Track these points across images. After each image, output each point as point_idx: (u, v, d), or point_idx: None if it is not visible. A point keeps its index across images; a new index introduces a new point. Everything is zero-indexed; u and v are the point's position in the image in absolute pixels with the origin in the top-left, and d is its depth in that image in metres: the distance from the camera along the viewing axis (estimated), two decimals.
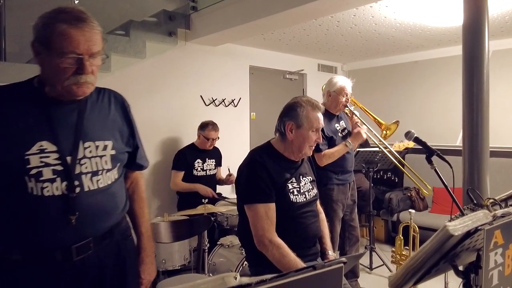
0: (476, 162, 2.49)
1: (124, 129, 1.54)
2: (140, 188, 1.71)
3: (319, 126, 2.04)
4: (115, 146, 1.46)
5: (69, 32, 1.25)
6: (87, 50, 1.28)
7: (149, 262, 1.65)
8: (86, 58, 1.28)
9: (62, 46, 1.25)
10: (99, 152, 1.40)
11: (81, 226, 1.33)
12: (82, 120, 1.39)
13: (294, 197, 1.99)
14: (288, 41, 5.06)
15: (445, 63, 5.48)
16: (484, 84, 2.46)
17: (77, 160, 1.34)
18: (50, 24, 1.25)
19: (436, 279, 1.75)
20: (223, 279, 0.66)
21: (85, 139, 1.38)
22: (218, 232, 3.64)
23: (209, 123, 4.12)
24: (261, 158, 1.99)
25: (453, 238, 1.12)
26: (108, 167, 1.43)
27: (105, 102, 1.50)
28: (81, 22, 1.27)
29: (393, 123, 3.44)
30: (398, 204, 4.92)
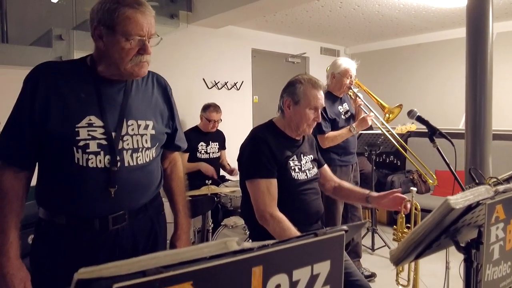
0: (478, 145, 2.49)
1: (165, 111, 1.61)
2: (178, 168, 1.77)
3: (318, 105, 2.01)
4: (155, 126, 1.52)
5: (134, 16, 1.34)
6: (148, 32, 1.38)
7: (186, 238, 1.72)
8: (148, 40, 1.39)
9: (128, 29, 1.35)
10: (140, 130, 1.47)
11: (118, 198, 1.42)
12: (127, 99, 1.47)
13: (296, 174, 2.00)
14: (290, 23, 5.02)
15: (449, 46, 5.44)
16: (488, 66, 2.44)
17: (120, 136, 1.42)
18: (116, 9, 1.33)
19: (437, 259, 1.76)
20: (225, 243, 0.66)
21: (128, 117, 1.45)
22: (222, 213, 3.67)
23: (211, 105, 4.14)
24: (263, 135, 2.01)
25: (454, 211, 1.12)
26: (148, 145, 1.49)
27: (149, 84, 1.58)
28: (143, 6, 1.37)
29: (396, 106, 3.44)
30: (400, 187, 4.93)
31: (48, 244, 1.43)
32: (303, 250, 0.75)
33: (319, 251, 0.78)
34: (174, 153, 1.76)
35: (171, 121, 1.64)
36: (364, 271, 3.50)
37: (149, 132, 1.50)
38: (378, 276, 3.54)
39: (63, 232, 1.41)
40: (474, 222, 1.29)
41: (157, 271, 0.59)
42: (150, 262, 0.60)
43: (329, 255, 0.79)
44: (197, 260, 0.62)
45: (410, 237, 1.22)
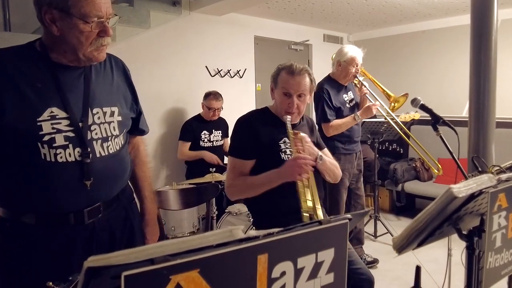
0: (482, 132, 2.49)
1: (128, 94, 1.54)
2: (141, 152, 1.72)
3: (289, 90, 1.98)
4: (121, 112, 1.45)
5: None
6: (106, 12, 1.28)
7: (153, 224, 1.69)
8: (106, 20, 1.29)
9: (86, 11, 1.23)
10: (107, 118, 1.40)
11: (94, 190, 1.35)
12: (89, 86, 1.37)
13: (286, 156, 1.99)
14: (293, 10, 4.98)
15: (453, 33, 5.39)
16: (492, 53, 2.43)
17: (87, 126, 1.34)
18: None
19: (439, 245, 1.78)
20: (231, 231, 0.68)
21: (93, 105, 1.37)
22: (226, 200, 3.69)
23: (211, 93, 4.15)
24: (252, 117, 2.08)
25: (457, 200, 1.13)
26: (116, 133, 1.43)
27: (107, 67, 1.49)
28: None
29: (402, 95, 3.42)
30: (403, 175, 4.95)
31: (17, 243, 1.34)
32: (308, 238, 0.76)
33: (323, 239, 0.79)
34: (136, 137, 1.69)
35: (134, 104, 1.57)
36: (367, 257, 3.53)
37: (115, 118, 1.43)
38: (380, 262, 3.57)
39: (33, 231, 1.32)
40: (477, 210, 1.30)
41: (165, 259, 0.60)
42: (157, 250, 0.62)
43: (333, 243, 0.81)
44: (204, 248, 0.64)
45: (413, 225, 1.23)
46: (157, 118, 4.33)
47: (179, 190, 2.74)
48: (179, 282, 0.61)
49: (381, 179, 4.87)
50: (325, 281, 0.81)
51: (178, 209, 2.77)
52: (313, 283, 0.79)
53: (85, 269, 0.57)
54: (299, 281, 0.76)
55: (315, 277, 0.79)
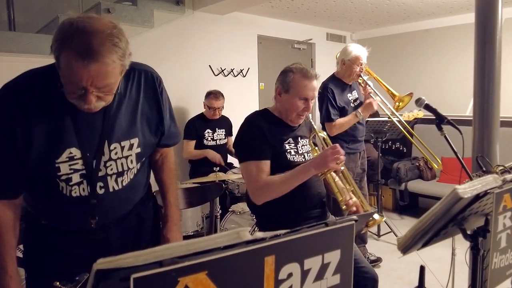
0: (486, 131, 2.48)
1: (153, 116, 1.46)
2: (169, 160, 1.68)
3: (307, 95, 1.99)
4: (141, 142, 1.41)
5: (73, 64, 1.11)
6: (91, 84, 1.14)
7: (176, 229, 1.68)
8: (91, 91, 1.16)
9: (65, 74, 1.15)
10: (124, 152, 1.38)
11: (100, 223, 1.39)
12: (107, 120, 1.33)
13: (292, 157, 2.00)
14: (296, 9, 4.98)
15: (457, 32, 5.38)
16: (496, 53, 2.42)
17: (102, 163, 1.34)
18: (61, 45, 1.13)
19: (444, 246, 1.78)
20: (238, 233, 0.68)
21: (111, 140, 1.34)
22: (230, 199, 3.70)
23: (212, 92, 4.16)
24: (255, 119, 2.03)
25: (462, 201, 1.13)
26: (133, 165, 1.41)
27: (133, 89, 1.40)
28: (89, 57, 1.10)
29: (407, 95, 3.41)
30: (406, 174, 4.94)
31: (36, 237, 1.43)
32: (314, 239, 0.77)
33: (329, 240, 0.79)
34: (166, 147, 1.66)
35: (160, 126, 1.49)
36: (370, 256, 3.53)
37: (134, 151, 1.40)
38: (383, 261, 3.57)
39: (49, 231, 1.40)
40: (482, 211, 1.30)
41: (173, 261, 0.60)
42: (165, 252, 0.62)
43: (339, 244, 0.81)
44: (211, 250, 0.64)
45: (418, 225, 1.23)
46: None
47: (183, 189, 2.74)
48: (187, 284, 0.61)
49: (384, 178, 4.87)
50: (331, 282, 0.81)
51: (182, 208, 2.77)
52: (320, 284, 0.79)
53: (94, 272, 0.58)
54: (305, 283, 0.77)
55: (322, 279, 0.80)
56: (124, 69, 1.23)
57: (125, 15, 3.85)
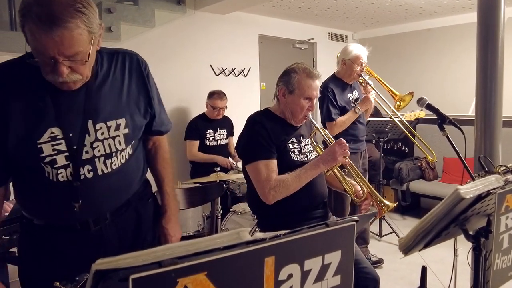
0: (488, 131, 2.47)
1: (141, 98, 1.42)
2: (162, 149, 1.64)
3: (312, 95, 2.00)
4: (129, 123, 1.37)
5: (37, 34, 1.08)
6: (58, 53, 1.10)
7: (175, 220, 1.65)
8: (60, 60, 1.12)
9: (32, 45, 1.11)
10: (111, 133, 1.32)
11: (86, 210, 1.33)
12: (90, 99, 1.28)
13: (295, 156, 2.00)
14: (297, 9, 4.97)
15: (459, 31, 5.37)
16: (499, 52, 2.41)
17: (88, 144, 1.29)
18: (23, 16, 1.10)
19: (446, 247, 1.77)
20: (238, 234, 0.68)
21: (95, 120, 1.29)
22: (231, 199, 3.70)
23: (215, 92, 4.14)
24: (259, 118, 2.02)
25: (464, 201, 1.13)
26: (122, 147, 1.36)
27: (117, 70, 1.37)
28: (49, 23, 1.06)
29: (408, 94, 3.39)
30: (408, 174, 4.93)
31: (31, 240, 1.40)
32: (315, 240, 0.76)
33: (330, 241, 0.79)
34: (158, 136, 1.61)
35: (148, 109, 1.45)
36: (372, 257, 3.52)
37: (121, 132, 1.35)
38: (385, 262, 3.56)
39: (44, 231, 1.36)
40: (484, 211, 1.29)
41: (173, 262, 0.60)
42: (165, 253, 0.62)
43: (340, 245, 0.81)
44: (211, 251, 0.64)
45: (419, 226, 1.23)
46: None
47: (184, 189, 2.74)
48: (187, 284, 0.61)
49: (386, 178, 4.86)
50: (332, 283, 0.81)
51: (183, 208, 2.77)
52: (320, 285, 0.79)
53: (93, 272, 0.57)
54: (306, 284, 0.76)
55: (322, 279, 0.79)
56: (95, 38, 1.18)
57: (126, 14, 3.86)
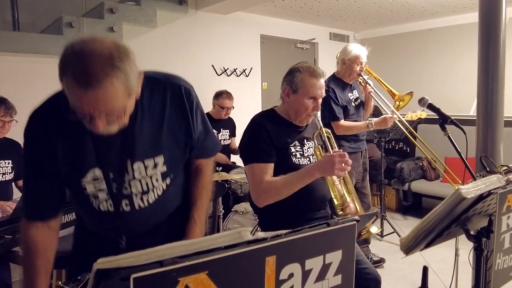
0: (490, 131, 2.46)
1: (182, 132, 1.38)
2: (203, 174, 1.56)
3: (316, 94, 1.97)
4: (167, 159, 1.35)
5: (74, 89, 1.07)
6: (94, 109, 1.09)
7: None
8: (97, 116, 1.11)
9: (69, 98, 1.10)
10: (148, 171, 1.32)
11: (130, 240, 1.38)
12: (127, 138, 1.27)
13: (297, 160, 1.98)
14: (299, 9, 4.97)
15: (460, 31, 5.36)
16: (501, 51, 2.41)
17: (126, 182, 1.31)
18: (61, 71, 1.09)
19: (447, 247, 1.77)
20: (239, 233, 0.68)
21: (133, 159, 1.30)
22: (233, 199, 3.70)
23: (223, 92, 4.15)
24: (260, 121, 2.00)
25: (466, 201, 1.13)
26: (159, 183, 1.37)
27: (158, 104, 1.32)
28: (85, 83, 1.05)
29: (407, 94, 3.39)
30: (409, 174, 4.92)
31: (82, 237, 1.50)
32: (316, 240, 0.76)
33: (331, 241, 0.79)
34: (201, 159, 1.55)
35: (189, 141, 1.41)
36: (373, 257, 3.52)
37: (159, 170, 1.34)
38: (386, 261, 3.56)
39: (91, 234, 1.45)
40: (485, 211, 1.29)
41: (174, 261, 0.60)
42: (166, 252, 0.62)
43: (341, 245, 0.81)
44: (212, 250, 0.64)
45: (421, 226, 1.23)
46: None
47: None
48: (188, 284, 0.61)
49: (388, 178, 4.85)
50: (332, 283, 0.81)
51: None
52: (321, 285, 0.79)
53: (95, 271, 0.58)
54: (307, 283, 0.76)
55: (323, 279, 0.79)
56: (132, 91, 1.15)
57: (128, 15, 3.87)
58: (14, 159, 2.83)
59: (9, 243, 1.96)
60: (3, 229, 1.94)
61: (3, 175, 2.78)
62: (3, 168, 2.78)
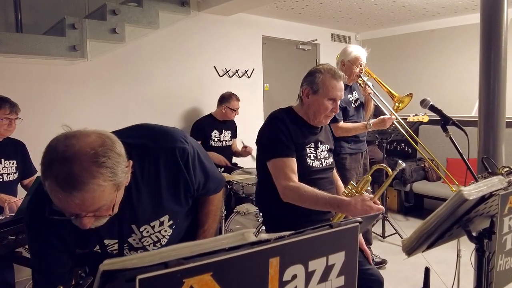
0: (491, 132, 2.47)
1: (180, 190, 1.38)
2: (211, 202, 1.61)
3: (336, 96, 2.00)
4: (172, 216, 1.41)
5: (57, 194, 1.03)
6: (81, 211, 1.07)
7: None
8: (83, 215, 1.09)
9: (54, 201, 1.06)
10: (156, 229, 1.39)
11: None
12: (128, 209, 1.28)
13: (311, 161, 2.01)
14: (301, 10, 4.98)
15: (462, 32, 5.36)
16: (502, 53, 2.41)
17: (136, 240, 1.38)
18: (44, 172, 1.04)
19: (449, 248, 1.77)
20: (243, 234, 0.68)
21: (138, 224, 1.34)
22: (235, 200, 3.72)
23: (232, 95, 4.21)
24: (281, 116, 2.02)
25: (468, 202, 1.13)
26: (169, 233, 1.43)
27: (152, 173, 1.31)
28: (69, 188, 1.01)
29: (407, 95, 3.40)
30: (411, 175, 4.93)
31: None
32: (319, 241, 0.77)
33: (334, 242, 0.79)
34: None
35: (188, 194, 1.42)
36: (375, 258, 3.52)
37: (166, 225, 1.40)
38: (388, 262, 3.56)
39: None
40: (487, 212, 1.30)
41: (178, 263, 0.61)
42: (171, 253, 0.62)
43: (343, 246, 0.81)
44: (216, 252, 0.64)
45: (423, 227, 1.23)
46: (165, 118, 4.35)
47: None
48: (192, 285, 0.62)
49: None
50: (335, 284, 0.81)
51: None
52: (324, 286, 0.79)
53: (100, 272, 0.58)
54: (310, 284, 0.77)
55: (326, 280, 0.80)
56: (121, 184, 1.13)
57: (131, 16, 3.88)
58: (18, 159, 2.85)
59: (13, 243, 1.97)
60: (7, 230, 1.95)
61: (7, 175, 2.79)
62: (8, 168, 2.79)
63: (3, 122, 2.70)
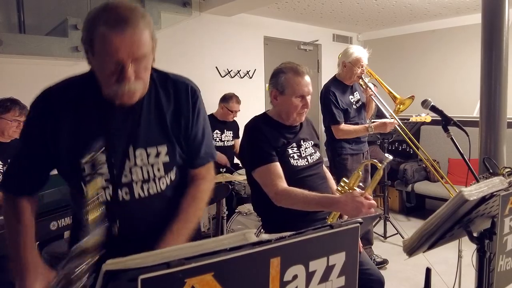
0: (493, 132, 2.47)
1: (181, 125, 1.38)
2: (196, 187, 1.46)
3: (303, 92, 1.96)
4: (169, 151, 1.35)
5: (107, 37, 1.13)
6: (128, 55, 1.15)
7: None
8: (128, 64, 1.16)
9: (102, 51, 1.15)
10: (150, 160, 1.32)
11: (124, 231, 1.32)
12: (135, 125, 1.30)
13: (295, 161, 1.99)
14: (302, 10, 4.99)
15: (463, 32, 5.35)
16: (503, 53, 2.42)
17: (126, 169, 1.30)
18: (93, 26, 1.15)
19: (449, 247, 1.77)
20: (244, 235, 0.69)
21: (136, 145, 1.31)
22: (236, 200, 3.72)
23: (233, 96, 4.21)
24: (254, 124, 2.01)
25: (468, 203, 1.14)
26: (161, 174, 1.35)
27: (165, 98, 1.36)
28: (122, 25, 1.13)
29: (408, 98, 3.39)
30: (413, 175, 4.93)
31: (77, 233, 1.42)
32: (319, 242, 0.77)
33: (334, 242, 0.80)
34: (195, 169, 1.47)
35: (185, 135, 1.40)
36: (376, 258, 3.52)
37: (161, 159, 1.34)
38: (390, 263, 3.56)
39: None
40: (488, 213, 1.30)
41: (180, 263, 0.61)
42: (173, 253, 0.63)
43: (344, 247, 0.82)
44: (218, 252, 0.65)
45: (424, 228, 1.24)
46: None
47: None
48: (194, 285, 0.62)
49: (391, 179, 4.85)
50: (336, 284, 0.82)
51: None
52: (325, 286, 0.80)
53: (103, 272, 0.59)
54: (311, 284, 0.77)
55: (327, 280, 0.80)
56: (155, 41, 1.25)
57: None
58: None
59: None
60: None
61: None
62: None
63: (12, 124, 2.71)
